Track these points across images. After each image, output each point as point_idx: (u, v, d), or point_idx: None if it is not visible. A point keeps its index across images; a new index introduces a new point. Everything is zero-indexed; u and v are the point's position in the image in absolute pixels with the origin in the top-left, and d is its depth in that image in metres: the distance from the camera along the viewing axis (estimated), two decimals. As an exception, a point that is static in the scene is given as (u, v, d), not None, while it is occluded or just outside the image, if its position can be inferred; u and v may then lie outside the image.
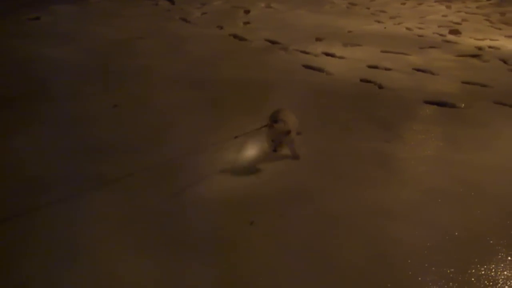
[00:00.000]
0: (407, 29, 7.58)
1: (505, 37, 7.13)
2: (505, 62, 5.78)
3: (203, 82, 4.73)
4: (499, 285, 2.20)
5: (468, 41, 6.82)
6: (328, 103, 4.26)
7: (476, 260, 2.34)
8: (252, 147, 3.38)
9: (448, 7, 9.54)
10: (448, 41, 6.79)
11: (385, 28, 7.66)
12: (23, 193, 2.81)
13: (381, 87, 4.77)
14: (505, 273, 2.27)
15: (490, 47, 6.46)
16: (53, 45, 5.93)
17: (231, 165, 3.16)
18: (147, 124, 3.76)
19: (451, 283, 2.19)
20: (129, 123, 3.78)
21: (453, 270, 2.27)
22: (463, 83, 4.96)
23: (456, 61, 5.80)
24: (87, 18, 7.69)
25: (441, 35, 7.19)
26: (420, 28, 7.63)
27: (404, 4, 9.91)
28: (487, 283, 2.20)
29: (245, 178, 3.03)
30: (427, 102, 4.36)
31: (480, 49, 6.35)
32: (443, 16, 8.70)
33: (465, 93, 4.64)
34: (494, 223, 2.64)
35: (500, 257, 2.37)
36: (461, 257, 2.36)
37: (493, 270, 2.28)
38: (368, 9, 9.27)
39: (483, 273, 2.26)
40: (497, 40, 6.88)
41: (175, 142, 3.45)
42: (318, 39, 6.64)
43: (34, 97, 4.26)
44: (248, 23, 7.70)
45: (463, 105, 4.28)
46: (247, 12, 8.52)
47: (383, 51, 6.12)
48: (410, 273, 2.25)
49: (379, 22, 8.07)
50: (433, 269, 2.28)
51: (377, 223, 2.61)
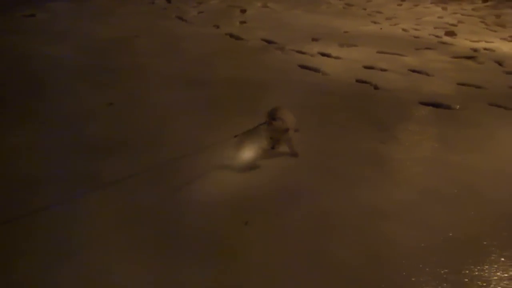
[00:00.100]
0: (403, 30, 7.60)
1: (500, 39, 7.17)
2: (500, 64, 5.81)
3: (199, 81, 4.72)
4: (492, 285, 2.21)
5: (463, 42, 6.85)
6: (324, 103, 4.27)
7: (469, 261, 2.36)
8: (248, 146, 3.37)
9: (444, 9, 9.58)
10: (443, 43, 6.82)
11: (381, 29, 7.68)
12: (18, 192, 2.79)
13: (376, 87, 4.79)
14: (498, 273, 2.28)
15: (485, 49, 6.49)
16: (49, 42, 5.91)
17: (227, 164, 3.16)
18: (142, 122, 3.75)
19: (444, 284, 2.20)
20: (125, 121, 3.77)
21: (446, 270, 2.28)
22: (458, 84, 4.99)
23: (451, 63, 5.82)
24: (83, 15, 7.66)
25: (437, 36, 7.22)
26: (416, 29, 7.65)
27: (400, 5, 9.94)
28: (481, 284, 2.22)
29: (240, 177, 3.03)
30: (423, 103, 4.38)
31: (475, 51, 6.38)
32: (439, 17, 8.73)
33: (460, 95, 4.66)
34: (488, 224, 2.65)
35: (493, 258, 2.38)
36: (455, 257, 2.38)
37: (487, 270, 2.30)
38: (364, 9, 9.29)
39: (477, 273, 2.27)
40: (492, 42, 6.91)
41: (171, 141, 3.44)
42: (314, 39, 6.65)
43: (29, 94, 4.24)
44: (244, 22, 7.70)
45: (458, 106, 4.30)
46: (244, 11, 8.52)
47: (379, 52, 6.13)
48: (404, 274, 2.26)
49: (375, 23, 8.09)
50: (427, 269, 2.29)
51: (372, 223, 2.62)
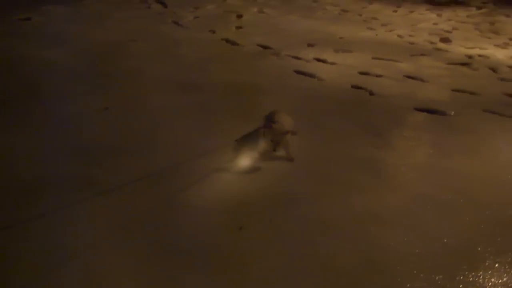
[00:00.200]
0: (399, 36, 7.64)
1: (494, 46, 7.21)
2: (494, 70, 5.85)
3: (194, 86, 4.72)
4: (487, 292, 2.22)
5: (458, 49, 6.89)
6: (319, 109, 4.28)
7: (464, 267, 2.36)
8: (244, 151, 3.37)
9: (439, 16, 9.64)
10: (438, 49, 6.85)
11: (376, 35, 7.71)
12: (13, 197, 2.78)
13: (372, 93, 4.80)
14: (493, 280, 2.28)
15: (479, 55, 6.53)
16: (44, 46, 5.89)
17: (223, 170, 3.15)
18: (138, 127, 3.74)
19: (439, 290, 2.20)
20: (120, 126, 3.76)
21: (441, 276, 2.28)
22: (453, 90, 5.01)
23: (446, 69, 5.85)
24: (79, 19, 7.64)
25: (432, 43, 7.26)
26: (411, 35, 7.69)
27: (395, 11, 9.99)
28: (475, 290, 2.22)
29: (236, 183, 3.03)
30: (417, 109, 4.39)
31: (470, 57, 6.42)
32: (434, 24, 8.78)
33: (454, 101, 4.68)
34: (482, 230, 2.66)
35: (488, 264, 2.39)
36: (449, 263, 2.38)
37: (481, 277, 2.30)
38: (360, 15, 9.33)
39: (471, 280, 2.28)
40: (487, 49, 6.96)
41: (167, 146, 3.43)
42: (310, 45, 6.67)
43: (24, 98, 4.22)
44: (240, 27, 7.71)
45: (453, 112, 4.32)
46: (240, 16, 8.53)
47: (374, 58, 6.16)
48: (398, 280, 2.26)
49: (370, 29, 8.12)
50: (422, 275, 2.28)
51: (367, 229, 2.62)
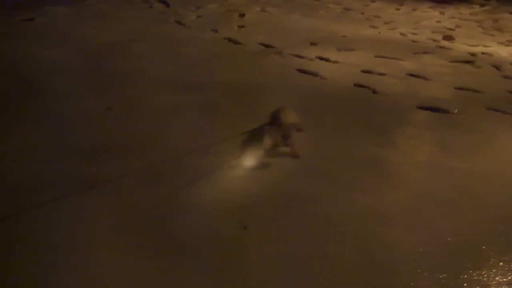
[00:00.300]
0: (401, 34, 7.62)
1: (498, 43, 7.18)
2: (497, 68, 5.83)
3: (197, 85, 4.72)
4: (491, 290, 2.21)
5: (461, 47, 6.87)
6: (322, 108, 4.27)
7: (468, 265, 2.35)
8: (248, 149, 3.37)
9: (442, 13, 9.61)
10: (441, 47, 6.83)
11: (379, 33, 7.70)
12: (16, 195, 2.79)
13: (375, 92, 4.79)
14: (497, 278, 2.27)
15: (483, 53, 6.51)
16: (47, 46, 5.91)
17: (226, 168, 3.15)
18: (141, 127, 3.75)
19: (443, 289, 2.20)
20: (123, 125, 3.77)
21: (445, 275, 2.27)
22: (456, 88, 4.99)
23: (449, 67, 5.83)
24: (81, 19, 7.66)
25: (435, 40, 7.23)
26: (414, 33, 7.67)
27: (398, 9, 9.97)
28: (479, 289, 2.21)
29: (239, 181, 3.02)
30: (421, 107, 4.38)
31: (473, 55, 6.39)
32: (437, 22, 8.75)
33: (458, 99, 4.66)
34: (486, 228, 2.65)
35: (492, 262, 2.38)
36: (453, 262, 2.37)
37: (485, 275, 2.29)
38: (362, 14, 9.32)
39: (475, 278, 2.27)
40: (490, 46, 6.93)
41: (169, 145, 3.44)
42: (312, 44, 6.66)
43: (28, 98, 4.24)
44: (243, 26, 7.71)
45: (456, 110, 4.30)
46: (242, 15, 8.53)
47: (377, 56, 6.14)
48: (402, 279, 2.25)
49: (373, 27, 8.10)
50: (426, 274, 2.28)
51: (370, 228, 2.61)
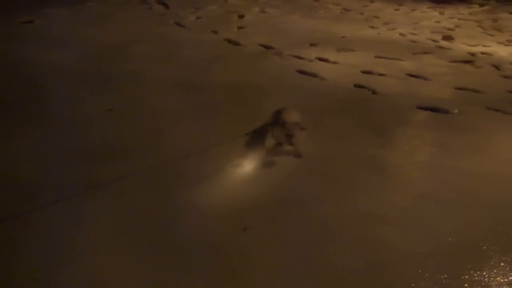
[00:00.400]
0: (401, 34, 7.61)
1: (497, 43, 7.18)
2: (497, 68, 5.82)
3: (197, 86, 4.73)
4: (492, 291, 2.21)
5: (461, 47, 6.86)
6: (322, 108, 4.27)
7: (469, 266, 2.35)
8: (247, 152, 3.37)
9: (441, 13, 9.60)
10: (441, 47, 6.83)
11: (378, 33, 7.69)
12: (16, 196, 2.80)
13: (374, 92, 4.79)
14: (498, 279, 2.27)
15: (482, 53, 6.50)
16: (47, 48, 5.91)
17: (226, 170, 3.15)
18: (141, 128, 3.75)
19: (444, 289, 2.20)
20: (124, 127, 3.77)
21: (446, 276, 2.27)
22: (456, 88, 4.99)
23: (449, 67, 5.83)
24: (81, 21, 7.66)
25: (434, 41, 7.23)
26: (413, 34, 7.66)
27: (397, 10, 9.96)
28: (480, 289, 2.21)
29: (238, 183, 3.03)
30: (420, 107, 4.38)
31: (472, 55, 6.39)
32: (436, 22, 8.75)
33: (458, 99, 4.66)
34: (487, 229, 2.65)
35: (493, 263, 2.38)
36: (454, 263, 2.37)
37: (486, 276, 2.29)
38: (362, 14, 9.31)
39: (476, 279, 2.27)
40: (490, 46, 6.93)
41: (169, 147, 3.44)
42: (312, 44, 6.66)
43: (27, 100, 4.24)
44: (242, 28, 7.70)
45: (456, 110, 4.30)
46: (242, 17, 8.52)
47: (376, 57, 6.14)
48: (403, 279, 2.25)
49: (372, 27, 8.10)
50: (427, 275, 2.28)
51: (371, 228, 2.61)
